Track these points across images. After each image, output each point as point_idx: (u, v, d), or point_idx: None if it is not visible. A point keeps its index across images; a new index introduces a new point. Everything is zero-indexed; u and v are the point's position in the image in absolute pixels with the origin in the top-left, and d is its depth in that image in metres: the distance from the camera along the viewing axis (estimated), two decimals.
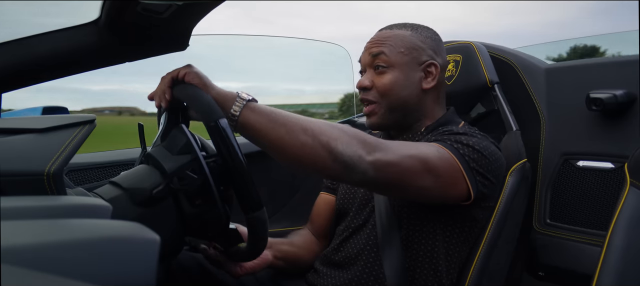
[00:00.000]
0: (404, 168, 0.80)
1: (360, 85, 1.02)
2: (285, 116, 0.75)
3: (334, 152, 0.74)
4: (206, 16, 0.89)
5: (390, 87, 1.00)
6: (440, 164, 0.84)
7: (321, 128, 0.75)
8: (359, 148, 0.76)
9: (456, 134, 0.92)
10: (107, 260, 0.44)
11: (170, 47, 0.96)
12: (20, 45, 0.85)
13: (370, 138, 0.79)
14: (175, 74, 0.78)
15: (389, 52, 1.00)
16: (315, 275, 1.04)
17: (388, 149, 0.79)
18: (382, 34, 1.04)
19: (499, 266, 1.06)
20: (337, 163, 0.74)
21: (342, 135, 0.75)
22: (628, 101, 1.11)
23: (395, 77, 1.00)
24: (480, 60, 1.21)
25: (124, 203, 0.74)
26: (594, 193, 1.16)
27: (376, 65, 1.01)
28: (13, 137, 0.67)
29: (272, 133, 0.74)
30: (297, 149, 0.74)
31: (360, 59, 1.06)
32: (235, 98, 0.75)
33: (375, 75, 1.01)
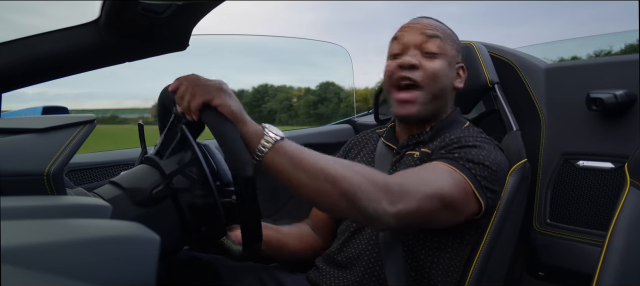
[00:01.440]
0: (425, 212, 0.80)
1: (407, 62, 0.95)
2: (310, 161, 0.72)
3: (357, 205, 0.73)
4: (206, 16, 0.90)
5: (440, 73, 0.97)
6: (456, 194, 0.84)
7: (344, 177, 0.72)
8: (382, 200, 0.74)
9: (465, 147, 0.91)
10: (107, 260, 0.44)
11: (170, 47, 0.96)
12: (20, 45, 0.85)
13: (392, 183, 0.77)
14: (208, 99, 0.71)
15: (443, 39, 0.99)
16: (316, 273, 1.04)
17: (409, 194, 0.78)
18: (430, 22, 1.01)
19: (499, 266, 1.06)
20: (360, 215, 0.74)
21: (366, 185, 0.73)
22: (628, 101, 1.11)
23: (444, 66, 0.98)
24: (481, 60, 1.21)
25: (124, 203, 0.74)
26: (594, 193, 1.16)
27: (428, 49, 0.97)
28: (13, 137, 0.67)
29: (294, 178, 0.72)
30: (319, 197, 0.73)
31: (399, 37, 1.00)
32: (263, 136, 0.71)
33: (423, 57, 0.97)
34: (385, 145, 1.07)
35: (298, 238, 1.11)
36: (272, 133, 0.72)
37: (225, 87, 0.73)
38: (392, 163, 1.02)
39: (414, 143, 1.02)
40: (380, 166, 1.04)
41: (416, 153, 0.99)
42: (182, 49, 0.97)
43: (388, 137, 1.08)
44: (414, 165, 0.97)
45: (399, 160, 1.02)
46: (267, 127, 0.73)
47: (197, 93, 0.71)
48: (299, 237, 1.11)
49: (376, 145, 1.11)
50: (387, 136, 1.09)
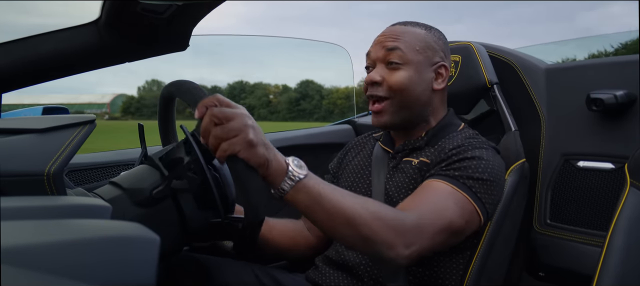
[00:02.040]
0: (436, 246, 0.83)
1: (370, 79, 0.98)
2: (330, 203, 0.73)
3: (373, 249, 0.76)
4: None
5: (404, 84, 0.97)
6: (463, 221, 0.86)
7: (364, 222, 0.74)
8: (398, 246, 0.76)
9: (464, 160, 0.90)
10: (107, 261, 0.44)
11: (170, 47, 0.96)
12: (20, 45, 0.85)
13: (408, 223, 0.79)
14: (235, 152, 0.67)
15: (405, 48, 0.98)
16: (316, 272, 1.04)
17: (423, 233, 0.80)
18: (396, 29, 1.01)
19: (498, 265, 1.06)
20: (375, 256, 0.78)
21: (384, 231, 0.75)
22: (628, 101, 1.11)
23: (409, 75, 0.97)
24: (480, 60, 1.21)
25: (124, 204, 0.74)
26: (594, 194, 1.16)
27: (390, 60, 0.98)
28: (13, 137, 0.67)
29: (314, 217, 0.74)
30: (337, 237, 0.78)
31: (368, 53, 1.03)
32: (286, 173, 0.71)
33: (387, 70, 0.98)
34: (381, 149, 1.08)
35: (288, 236, 1.09)
36: (296, 171, 0.72)
37: (252, 134, 0.68)
38: (390, 169, 1.02)
39: (410, 149, 1.02)
40: (377, 170, 1.04)
41: (414, 161, 0.98)
42: (182, 49, 0.97)
43: (385, 141, 1.09)
44: (412, 174, 0.97)
45: (396, 166, 1.01)
46: (291, 165, 0.72)
47: (222, 137, 0.67)
48: (289, 235, 1.09)
49: (373, 149, 1.11)
50: (384, 140, 1.09)
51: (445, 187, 0.87)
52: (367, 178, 1.06)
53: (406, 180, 0.97)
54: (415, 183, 0.95)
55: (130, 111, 8.00)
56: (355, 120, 1.77)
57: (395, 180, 0.98)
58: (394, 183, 0.98)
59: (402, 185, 0.97)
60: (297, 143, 1.49)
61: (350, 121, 1.77)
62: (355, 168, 1.10)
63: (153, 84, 37.24)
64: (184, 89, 0.79)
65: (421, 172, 0.96)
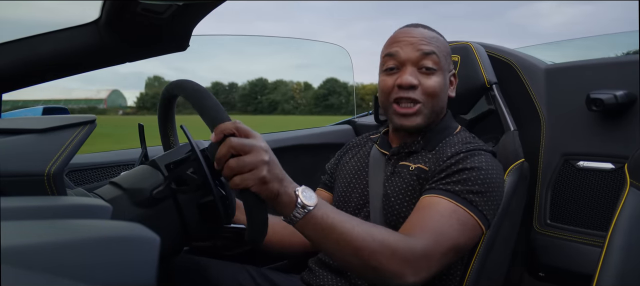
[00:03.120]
0: (443, 267, 0.83)
1: (408, 83, 0.95)
2: (339, 234, 0.73)
3: (382, 278, 0.76)
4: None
5: (438, 90, 0.98)
6: (467, 239, 0.86)
7: (373, 253, 0.74)
8: (406, 274, 0.76)
9: (463, 171, 0.90)
10: (107, 260, 0.44)
11: (170, 47, 0.96)
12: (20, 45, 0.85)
13: (417, 250, 0.78)
14: (247, 186, 0.67)
15: (439, 54, 0.98)
16: (310, 275, 1.04)
17: (431, 259, 0.80)
18: (426, 33, 1.00)
19: (498, 265, 1.06)
20: (384, 281, 0.77)
21: (393, 262, 0.75)
22: (628, 101, 1.11)
23: (441, 81, 0.98)
24: (479, 60, 1.21)
25: (124, 204, 0.74)
26: (594, 194, 1.16)
27: (425, 65, 0.97)
28: (13, 138, 0.67)
29: (323, 247, 0.75)
30: (346, 267, 0.80)
31: (394, 53, 0.98)
32: (296, 204, 0.71)
33: (419, 74, 0.97)
34: (378, 151, 1.08)
35: (283, 234, 1.07)
36: (305, 201, 0.72)
37: (266, 171, 0.68)
38: (387, 173, 1.02)
39: (406, 152, 1.02)
40: (374, 172, 1.04)
41: (412, 166, 0.98)
42: (182, 49, 0.97)
43: (381, 144, 1.08)
44: (409, 180, 0.96)
45: (394, 170, 1.01)
46: (300, 197, 0.72)
47: (236, 170, 0.67)
48: (284, 233, 1.07)
49: (370, 151, 1.11)
50: (381, 142, 1.09)
51: (448, 204, 0.86)
52: (363, 180, 1.06)
53: (404, 186, 0.96)
54: (413, 189, 0.95)
55: (146, 106, 8.00)
56: (355, 120, 1.77)
57: (394, 185, 0.98)
58: (393, 188, 0.98)
59: (400, 190, 0.96)
60: (297, 143, 1.49)
61: (350, 121, 1.77)
62: (353, 170, 1.10)
63: (155, 80, 37.51)
64: (201, 103, 0.76)
65: (419, 179, 0.95)
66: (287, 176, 0.73)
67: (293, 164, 1.41)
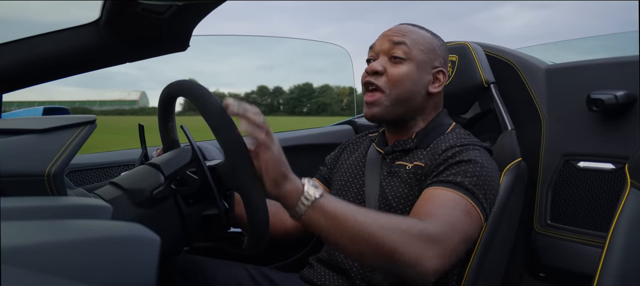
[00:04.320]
0: (456, 258, 0.80)
1: (372, 69, 0.99)
2: (349, 220, 0.71)
3: (400, 265, 0.72)
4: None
5: (404, 78, 0.98)
6: (472, 229, 0.84)
7: (386, 235, 0.71)
8: (424, 258, 0.73)
9: (462, 164, 0.90)
10: (108, 261, 0.44)
11: (170, 47, 0.96)
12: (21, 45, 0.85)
13: (432, 231, 0.75)
14: (259, 170, 0.71)
15: (410, 44, 1.00)
16: (310, 271, 1.04)
17: (447, 243, 0.76)
18: (404, 27, 1.03)
19: (496, 265, 1.06)
20: (403, 274, 0.73)
21: (408, 242, 0.72)
22: (629, 102, 1.11)
23: (410, 71, 0.99)
24: (476, 60, 1.21)
25: (124, 204, 0.74)
26: (595, 194, 1.16)
27: (394, 54, 0.99)
28: (13, 138, 0.67)
29: (334, 238, 0.72)
30: (360, 257, 0.73)
31: (373, 46, 1.04)
32: (301, 195, 0.71)
33: (389, 63, 0.99)
34: (375, 150, 1.08)
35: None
36: (312, 189, 0.72)
37: (272, 159, 0.71)
38: (383, 172, 1.02)
39: (400, 150, 1.02)
40: (370, 171, 1.04)
41: (408, 165, 0.98)
42: (182, 49, 0.97)
43: (379, 142, 1.09)
44: (407, 179, 0.96)
45: (390, 170, 1.01)
46: (306, 186, 0.72)
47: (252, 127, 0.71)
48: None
49: (368, 149, 1.11)
50: (378, 141, 1.09)
51: (451, 194, 0.85)
52: (360, 179, 1.06)
53: (402, 186, 0.96)
54: (411, 188, 0.95)
55: (192, 107, 8.17)
56: (355, 120, 1.77)
57: (392, 185, 0.98)
58: (391, 189, 0.97)
59: (399, 191, 0.96)
60: (298, 143, 1.49)
61: (351, 121, 1.77)
62: (349, 168, 1.10)
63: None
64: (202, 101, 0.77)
65: (417, 176, 0.95)
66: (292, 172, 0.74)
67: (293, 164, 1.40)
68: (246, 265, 1.04)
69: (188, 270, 0.96)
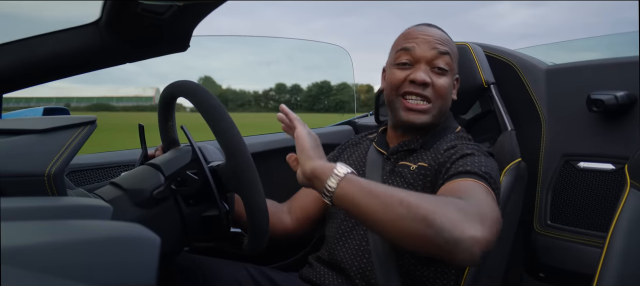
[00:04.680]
0: (494, 239, 0.72)
1: (422, 80, 0.96)
2: (381, 189, 0.71)
3: (440, 234, 0.65)
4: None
5: (448, 92, 1.00)
6: (497, 211, 0.78)
7: (420, 202, 0.68)
8: (464, 223, 0.66)
9: (468, 156, 0.89)
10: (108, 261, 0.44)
11: (171, 47, 0.96)
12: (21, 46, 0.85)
13: (469, 206, 0.71)
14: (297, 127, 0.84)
15: (453, 55, 1.01)
16: (310, 270, 1.04)
17: (485, 219, 0.70)
18: (441, 34, 1.02)
19: (496, 265, 1.06)
20: (444, 246, 0.65)
21: (446, 209, 0.67)
22: (629, 102, 1.11)
23: (450, 83, 1.00)
24: (476, 60, 1.21)
25: (125, 204, 0.74)
26: (595, 195, 1.16)
27: (438, 65, 0.98)
28: (14, 138, 0.67)
29: (368, 207, 0.70)
30: (396, 225, 0.68)
31: (410, 49, 0.99)
32: (332, 171, 0.73)
33: (431, 73, 0.98)
34: (375, 151, 1.08)
35: None
36: (343, 167, 0.74)
37: (301, 138, 0.82)
38: (386, 173, 1.02)
39: (405, 150, 1.02)
40: (371, 171, 1.04)
41: (412, 166, 0.98)
42: (182, 49, 0.97)
43: (379, 142, 1.08)
44: (410, 179, 0.96)
45: (393, 170, 1.01)
46: (338, 163, 0.75)
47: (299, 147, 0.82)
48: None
49: (367, 150, 1.11)
50: (379, 141, 1.09)
51: (470, 182, 0.83)
52: None
53: (405, 186, 0.96)
54: (416, 189, 0.95)
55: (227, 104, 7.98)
56: (355, 121, 1.77)
57: (395, 185, 0.98)
58: None
59: None
60: None
61: (351, 122, 1.77)
62: None
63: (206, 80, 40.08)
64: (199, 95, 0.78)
65: (421, 176, 0.95)
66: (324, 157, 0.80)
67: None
68: (246, 264, 1.04)
69: (188, 270, 0.96)
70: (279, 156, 1.45)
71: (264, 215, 0.76)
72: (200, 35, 0.97)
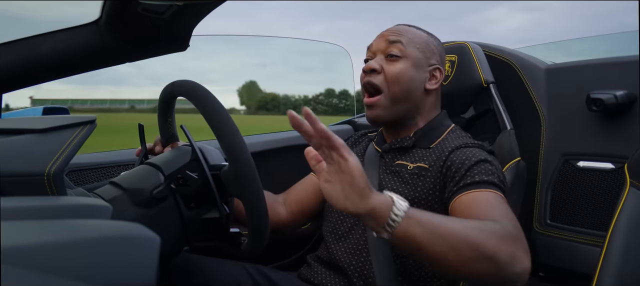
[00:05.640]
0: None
1: (369, 67, 1.00)
2: (445, 228, 0.68)
3: (500, 268, 0.68)
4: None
5: (400, 75, 0.99)
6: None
7: (479, 238, 0.67)
8: (518, 256, 0.69)
9: (480, 163, 0.89)
10: (108, 260, 0.44)
11: (170, 47, 0.96)
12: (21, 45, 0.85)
13: (510, 230, 0.73)
14: (343, 183, 0.64)
15: (406, 43, 1.01)
16: (308, 270, 1.05)
17: (521, 238, 0.73)
18: (401, 27, 1.05)
19: None
20: (502, 278, 0.68)
21: (502, 243, 0.69)
22: (628, 101, 1.11)
23: (406, 68, 1.00)
24: (476, 60, 1.22)
25: (124, 204, 0.74)
26: (594, 194, 1.16)
27: (390, 52, 1.00)
28: (13, 138, 0.67)
29: (434, 249, 0.66)
30: (460, 265, 0.67)
31: (370, 46, 1.05)
32: (392, 206, 0.66)
33: (386, 62, 1.01)
34: (374, 149, 1.08)
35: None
36: (401, 200, 0.67)
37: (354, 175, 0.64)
38: (382, 171, 1.02)
39: (397, 148, 1.02)
40: (369, 169, 1.04)
41: (410, 165, 0.98)
42: (182, 49, 0.97)
43: (378, 141, 1.09)
44: (409, 179, 0.96)
45: (389, 169, 1.01)
46: (394, 195, 0.67)
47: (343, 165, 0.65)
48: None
49: (366, 148, 1.11)
50: (377, 140, 1.10)
51: (490, 194, 0.83)
52: None
53: (402, 185, 0.96)
54: (413, 189, 0.95)
55: (267, 107, 7.98)
56: (355, 120, 1.77)
57: (391, 184, 0.98)
58: (390, 187, 0.97)
59: (398, 190, 0.96)
60: (297, 143, 1.49)
61: (350, 121, 1.77)
62: None
63: (251, 85, 40.53)
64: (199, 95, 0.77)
65: (420, 177, 0.95)
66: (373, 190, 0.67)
67: (293, 163, 1.41)
68: (245, 264, 1.04)
69: (187, 269, 0.96)
70: (279, 156, 1.45)
71: (264, 220, 0.76)
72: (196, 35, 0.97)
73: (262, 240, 0.78)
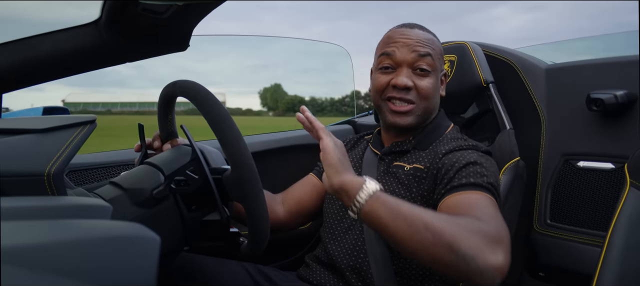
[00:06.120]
0: (509, 257, 0.73)
1: (403, 84, 0.97)
2: (408, 211, 0.71)
3: (461, 259, 0.67)
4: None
5: (432, 92, 1.00)
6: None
7: (444, 227, 0.69)
8: (485, 250, 0.68)
9: (470, 165, 0.89)
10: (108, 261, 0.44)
11: (170, 47, 0.96)
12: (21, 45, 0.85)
13: (488, 228, 0.72)
14: (322, 158, 0.80)
15: (434, 56, 1.00)
16: (306, 270, 1.05)
17: (502, 241, 0.72)
18: (422, 35, 1.01)
19: None
20: (465, 270, 0.68)
21: (467, 233, 0.69)
22: (628, 101, 1.11)
23: (434, 83, 1.00)
24: (475, 60, 1.22)
25: (124, 204, 0.74)
26: (594, 194, 1.16)
27: (420, 66, 0.98)
28: (13, 138, 0.67)
29: (394, 228, 0.71)
30: (421, 248, 0.69)
31: (390, 53, 0.99)
32: (362, 186, 0.74)
33: (414, 75, 0.99)
34: (371, 151, 1.08)
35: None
36: (372, 182, 0.75)
37: (327, 151, 0.79)
38: (380, 173, 1.02)
39: (397, 151, 1.02)
40: (367, 171, 1.04)
41: (407, 166, 0.98)
42: (182, 49, 0.97)
43: (374, 143, 1.09)
44: (405, 180, 0.96)
45: (387, 170, 1.01)
46: (366, 178, 0.76)
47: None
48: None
49: (364, 151, 1.11)
50: (374, 142, 1.09)
51: (478, 195, 0.84)
52: None
53: (399, 187, 0.96)
54: (409, 190, 0.95)
55: (295, 110, 8.33)
56: (355, 120, 1.77)
57: (388, 186, 0.98)
58: (387, 189, 0.97)
59: (395, 191, 0.96)
60: (297, 143, 1.49)
61: (351, 121, 1.77)
62: None
63: (277, 87, 41.24)
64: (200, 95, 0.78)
65: (416, 177, 0.95)
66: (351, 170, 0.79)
67: (293, 164, 1.41)
68: (245, 264, 1.04)
69: (186, 269, 0.96)
70: (279, 155, 1.46)
71: (265, 226, 0.77)
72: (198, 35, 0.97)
73: (261, 246, 0.79)
